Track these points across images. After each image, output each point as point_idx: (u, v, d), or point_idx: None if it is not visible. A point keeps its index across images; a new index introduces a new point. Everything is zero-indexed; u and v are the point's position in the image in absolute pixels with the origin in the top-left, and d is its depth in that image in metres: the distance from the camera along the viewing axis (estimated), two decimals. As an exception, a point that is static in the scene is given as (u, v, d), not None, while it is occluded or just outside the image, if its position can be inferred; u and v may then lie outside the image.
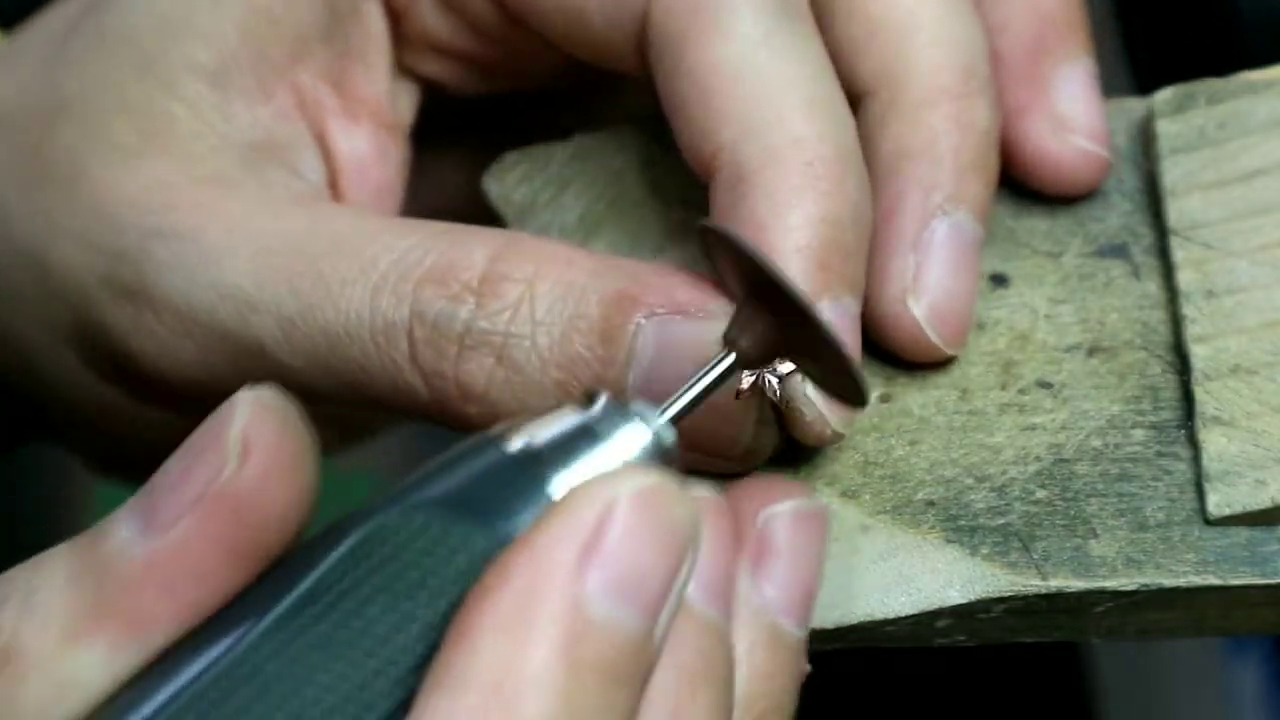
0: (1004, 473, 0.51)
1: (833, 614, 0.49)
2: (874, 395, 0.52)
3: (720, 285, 0.47)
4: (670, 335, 0.47)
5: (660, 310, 0.47)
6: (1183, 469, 0.50)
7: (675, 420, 0.43)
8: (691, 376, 0.44)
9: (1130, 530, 0.50)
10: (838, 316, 0.48)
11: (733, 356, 0.44)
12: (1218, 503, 0.49)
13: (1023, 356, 0.52)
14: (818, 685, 0.46)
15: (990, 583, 0.49)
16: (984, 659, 0.75)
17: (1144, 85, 0.58)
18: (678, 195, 0.56)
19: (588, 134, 0.58)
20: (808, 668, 0.46)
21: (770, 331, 0.44)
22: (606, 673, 0.38)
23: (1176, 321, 0.52)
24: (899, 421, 0.52)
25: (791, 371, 0.48)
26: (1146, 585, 0.49)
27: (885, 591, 0.49)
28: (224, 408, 0.41)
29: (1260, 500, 0.49)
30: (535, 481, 0.40)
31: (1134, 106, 0.57)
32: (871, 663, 1.08)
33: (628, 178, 0.56)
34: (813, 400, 0.48)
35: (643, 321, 0.47)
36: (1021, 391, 0.52)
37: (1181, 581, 0.49)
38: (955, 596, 0.49)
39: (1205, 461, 0.50)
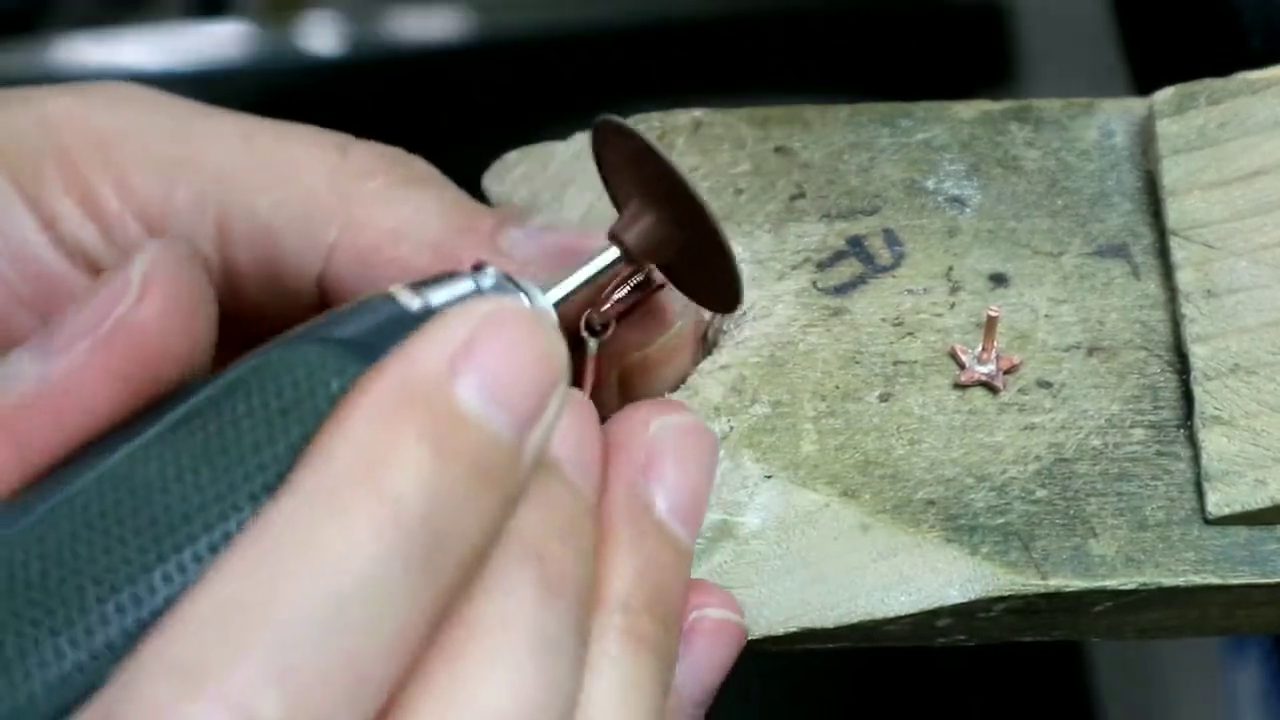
0: (1004, 472, 0.51)
1: (833, 613, 0.49)
2: (874, 394, 0.52)
3: (607, 182, 0.48)
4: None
5: None
6: (1182, 468, 0.51)
7: (558, 304, 0.45)
8: (579, 263, 0.46)
9: (1130, 529, 0.50)
10: None
11: (617, 250, 0.47)
12: (1217, 502, 0.49)
13: (1023, 356, 0.53)
14: (819, 684, 0.46)
15: (990, 582, 0.49)
16: (984, 659, 0.75)
17: (1144, 85, 0.58)
18: (678, 195, 0.56)
19: (588, 134, 0.58)
20: (746, 627, 0.47)
21: (657, 229, 0.47)
22: (475, 469, 0.38)
23: (1176, 321, 0.52)
24: (899, 421, 0.52)
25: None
26: (1146, 584, 0.49)
27: (885, 590, 0.49)
28: (131, 252, 0.42)
29: (1260, 499, 0.49)
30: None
31: (1134, 106, 0.57)
32: (872, 663, 1.08)
33: (628, 177, 0.56)
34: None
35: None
36: (1021, 391, 0.52)
37: (1181, 581, 0.49)
38: (955, 596, 0.49)
39: (1205, 461, 0.50)
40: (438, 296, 0.42)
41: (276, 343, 0.41)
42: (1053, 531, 0.50)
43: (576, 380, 0.49)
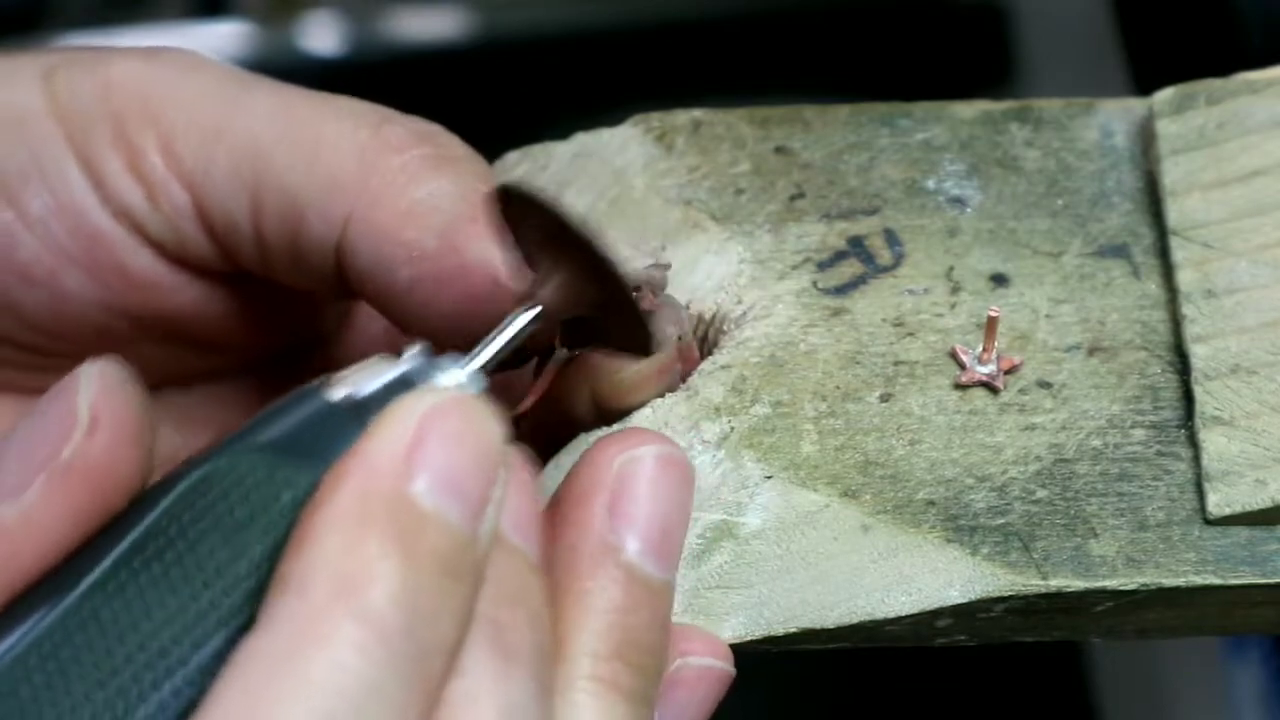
0: (1004, 472, 0.51)
1: (833, 613, 0.49)
2: (875, 395, 0.52)
3: (518, 243, 0.48)
4: None
5: None
6: (1183, 469, 0.51)
7: (485, 369, 0.45)
8: (497, 328, 0.46)
9: (1130, 530, 0.50)
10: None
11: (537, 309, 0.47)
12: (1218, 502, 0.49)
13: (1023, 356, 0.53)
14: (819, 684, 0.46)
15: (990, 582, 0.49)
16: (984, 659, 0.75)
17: (1144, 85, 0.58)
18: (678, 195, 0.56)
19: (588, 134, 0.58)
20: (731, 670, 0.47)
21: (571, 284, 0.47)
22: (442, 564, 0.39)
23: (1176, 321, 0.52)
24: (899, 421, 0.52)
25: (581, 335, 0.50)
26: (1146, 585, 0.49)
27: (886, 591, 0.49)
28: (68, 378, 0.42)
29: (1260, 500, 0.49)
30: (357, 426, 0.41)
31: (1134, 106, 0.57)
32: (872, 663, 1.09)
33: (628, 177, 0.56)
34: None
35: None
36: (1022, 391, 0.52)
37: (1181, 581, 0.49)
38: (955, 596, 0.49)
39: (1205, 461, 0.50)
40: (365, 386, 0.42)
41: (219, 450, 0.41)
42: (1053, 532, 0.50)
43: (528, 389, 0.49)
